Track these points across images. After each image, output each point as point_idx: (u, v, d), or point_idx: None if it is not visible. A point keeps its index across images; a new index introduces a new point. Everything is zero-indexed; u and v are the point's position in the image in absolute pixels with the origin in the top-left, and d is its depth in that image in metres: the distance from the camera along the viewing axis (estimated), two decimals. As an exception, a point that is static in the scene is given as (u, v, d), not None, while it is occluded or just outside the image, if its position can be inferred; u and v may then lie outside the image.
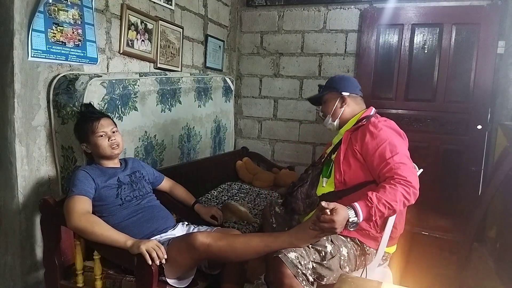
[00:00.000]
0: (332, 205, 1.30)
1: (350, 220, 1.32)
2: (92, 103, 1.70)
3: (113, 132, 1.62)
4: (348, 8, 3.09)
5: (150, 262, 1.30)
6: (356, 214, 1.33)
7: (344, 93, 1.74)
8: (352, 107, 1.75)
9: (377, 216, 1.35)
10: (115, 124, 1.67)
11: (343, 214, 1.30)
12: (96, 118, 1.59)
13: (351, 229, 1.37)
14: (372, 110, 1.74)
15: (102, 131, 1.58)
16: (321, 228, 1.31)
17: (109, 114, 1.75)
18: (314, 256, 1.39)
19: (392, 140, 1.52)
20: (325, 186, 1.66)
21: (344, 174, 1.59)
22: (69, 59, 1.75)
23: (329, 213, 1.29)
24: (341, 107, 1.75)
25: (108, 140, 1.59)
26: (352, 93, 1.76)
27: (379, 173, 1.49)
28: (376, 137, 1.53)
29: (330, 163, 1.68)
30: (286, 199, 1.77)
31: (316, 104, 1.98)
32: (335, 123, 1.78)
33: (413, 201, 1.42)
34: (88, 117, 1.59)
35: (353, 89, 1.77)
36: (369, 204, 1.34)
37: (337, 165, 1.62)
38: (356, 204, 1.35)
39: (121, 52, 2.09)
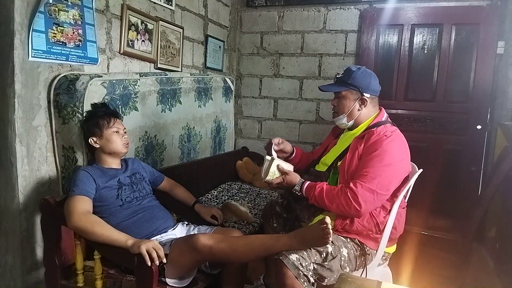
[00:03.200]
0: (291, 172, 1.60)
1: (294, 189, 1.59)
2: (106, 103, 1.74)
3: (125, 132, 1.68)
4: (348, 9, 3.09)
5: (149, 264, 1.30)
6: (300, 190, 1.58)
7: (366, 94, 1.61)
8: (369, 108, 1.64)
9: (312, 201, 1.55)
10: None
11: (293, 181, 1.59)
12: (113, 115, 1.66)
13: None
14: (384, 116, 1.66)
15: (118, 127, 1.64)
16: (274, 182, 1.60)
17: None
18: (315, 258, 1.39)
19: (388, 160, 1.48)
20: None
21: (346, 180, 1.55)
22: (69, 59, 1.75)
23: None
24: (360, 109, 1.63)
25: (121, 138, 1.64)
26: (372, 94, 1.64)
27: (355, 173, 1.52)
28: (377, 148, 1.50)
29: (336, 170, 1.63)
30: (290, 205, 1.76)
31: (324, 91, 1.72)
32: (349, 123, 1.67)
33: (353, 214, 1.48)
34: (105, 112, 1.64)
35: (375, 89, 1.65)
36: (311, 192, 1.53)
37: (342, 174, 1.58)
38: (305, 184, 1.57)
39: (122, 52, 2.09)
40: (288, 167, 1.63)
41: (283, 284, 1.33)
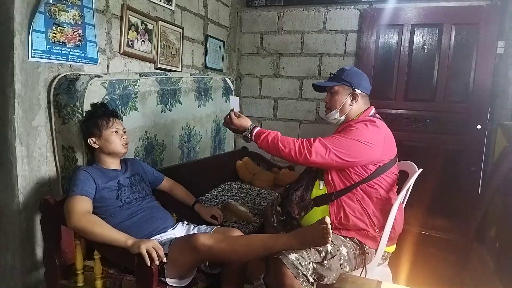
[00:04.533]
0: (243, 116, 1.68)
1: (243, 134, 1.65)
2: (106, 103, 1.74)
3: (124, 132, 1.67)
4: (347, 9, 3.09)
5: (149, 263, 1.30)
6: (251, 134, 1.63)
7: (357, 90, 1.69)
8: (359, 105, 1.71)
9: (261, 145, 1.60)
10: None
11: (243, 124, 1.65)
12: (112, 115, 1.65)
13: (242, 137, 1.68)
14: (371, 111, 1.72)
15: (117, 128, 1.63)
16: (226, 121, 1.69)
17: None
18: (314, 257, 1.40)
19: (356, 136, 1.54)
20: (322, 188, 1.65)
21: (331, 173, 1.61)
22: (69, 60, 1.75)
23: None
24: (351, 104, 1.70)
25: (120, 138, 1.64)
26: (363, 91, 1.72)
27: None
28: (353, 127, 1.58)
29: None
30: (282, 202, 1.78)
31: (318, 91, 1.84)
32: (341, 118, 1.73)
33: (301, 161, 1.53)
34: (104, 112, 1.64)
35: (366, 87, 1.73)
36: (262, 136, 1.59)
37: None
38: (256, 129, 1.64)
39: (122, 52, 2.10)
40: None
41: (282, 283, 1.33)
